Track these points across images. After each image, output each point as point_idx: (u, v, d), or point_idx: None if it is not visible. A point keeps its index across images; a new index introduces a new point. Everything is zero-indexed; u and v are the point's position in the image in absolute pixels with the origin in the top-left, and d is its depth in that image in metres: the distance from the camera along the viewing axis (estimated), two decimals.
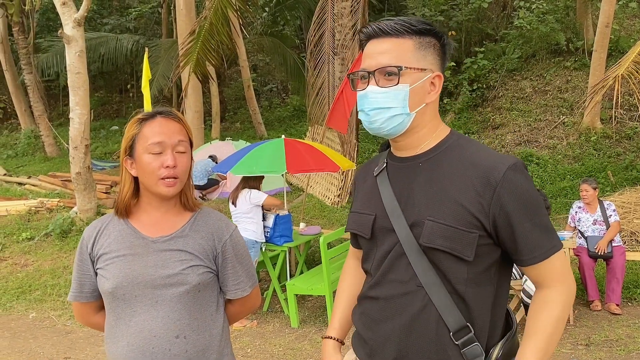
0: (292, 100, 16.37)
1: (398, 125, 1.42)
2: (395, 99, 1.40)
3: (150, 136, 1.59)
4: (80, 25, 8.19)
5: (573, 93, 11.45)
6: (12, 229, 8.37)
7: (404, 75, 1.39)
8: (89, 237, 1.69)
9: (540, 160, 10.10)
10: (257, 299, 1.82)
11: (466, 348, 1.36)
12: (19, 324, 5.74)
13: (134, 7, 19.40)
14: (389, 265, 1.44)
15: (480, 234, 1.35)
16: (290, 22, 17.26)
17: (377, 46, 1.43)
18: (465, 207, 1.35)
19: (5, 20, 14.39)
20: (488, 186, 1.34)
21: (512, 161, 1.37)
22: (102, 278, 1.63)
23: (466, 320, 1.37)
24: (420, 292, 1.38)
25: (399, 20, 1.42)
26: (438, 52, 1.45)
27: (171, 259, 1.61)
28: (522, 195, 1.35)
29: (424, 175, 1.43)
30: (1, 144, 15.75)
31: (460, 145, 1.44)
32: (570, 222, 5.88)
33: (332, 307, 5.22)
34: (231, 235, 1.70)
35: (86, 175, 8.34)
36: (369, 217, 1.50)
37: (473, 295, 1.37)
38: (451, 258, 1.36)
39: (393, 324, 1.43)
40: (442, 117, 9.86)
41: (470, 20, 13.73)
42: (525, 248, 1.36)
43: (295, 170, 5.80)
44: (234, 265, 1.70)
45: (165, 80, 14.00)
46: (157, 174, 1.58)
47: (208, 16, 8.09)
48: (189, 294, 1.60)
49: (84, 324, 1.81)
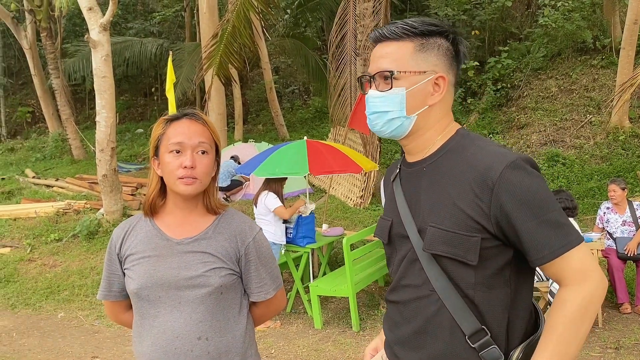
0: (314, 102, 16.39)
1: (397, 128, 1.44)
2: (392, 102, 1.41)
3: (172, 136, 1.62)
4: (105, 30, 8.32)
5: (600, 92, 11.23)
6: (40, 231, 8.54)
7: (399, 79, 1.40)
8: (118, 238, 1.72)
9: (567, 160, 9.93)
10: (282, 302, 1.82)
11: (484, 351, 1.34)
12: (48, 324, 5.86)
13: (158, 11, 19.67)
14: (404, 270, 1.46)
15: (484, 236, 1.32)
16: (312, 23, 17.28)
17: (379, 50, 1.45)
18: (465, 211, 1.33)
19: (33, 26, 14.71)
20: (485, 188, 1.31)
21: (510, 159, 1.32)
22: (128, 278, 1.66)
23: (481, 323, 1.35)
24: (433, 296, 1.38)
25: (400, 24, 1.43)
26: (444, 52, 1.43)
27: (194, 261, 1.62)
28: (522, 194, 1.29)
29: (426, 179, 1.43)
30: (30, 147, 16.09)
31: (462, 146, 1.42)
32: (599, 223, 5.77)
33: (355, 309, 5.23)
34: (254, 238, 1.70)
35: (112, 178, 8.46)
36: (387, 222, 1.53)
37: (485, 299, 1.35)
38: (455, 263, 1.35)
39: (409, 327, 1.44)
40: (466, 117, 9.68)
41: (494, 19, 13.58)
42: (532, 248, 1.30)
43: (317, 172, 5.80)
44: (257, 268, 1.70)
45: (189, 83, 14.16)
46: (175, 174, 1.59)
47: (230, 19, 8.15)
48: (212, 295, 1.61)
49: (115, 321, 1.85)
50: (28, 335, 5.52)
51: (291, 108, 16.71)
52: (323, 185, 10.57)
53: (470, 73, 12.59)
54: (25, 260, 7.71)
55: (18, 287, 6.92)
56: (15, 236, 8.52)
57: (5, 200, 10.66)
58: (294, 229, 5.71)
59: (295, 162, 5.68)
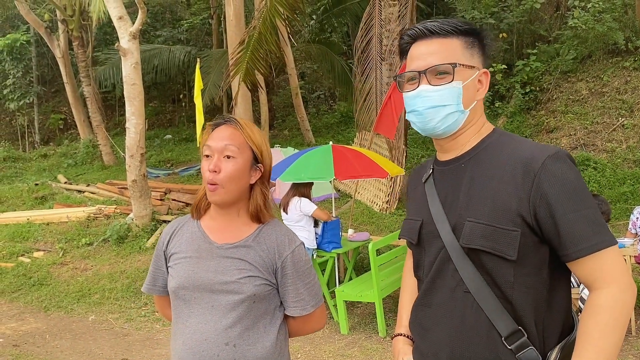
0: (339, 107, 16.41)
1: (453, 124, 1.43)
2: (450, 96, 1.40)
3: (207, 141, 1.65)
4: (135, 38, 8.47)
5: (633, 94, 10.97)
6: (72, 235, 8.73)
7: (457, 72, 1.40)
8: (166, 235, 1.75)
9: (598, 164, 9.72)
10: (320, 320, 1.77)
11: (521, 352, 1.32)
12: (80, 326, 5.98)
13: (186, 19, 19.96)
14: (437, 271, 1.44)
15: (523, 231, 1.31)
16: (338, 29, 17.32)
17: (425, 47, 1.44)
18: (505, 203, 1.32)
19: (66, 36, 15.09)
20: (527, 176, 1.30)
21: (552, 150, 1.32)
22: (170, 276, 1.70)
23: (518, 324, 1.33)
24: (468, 297, 1.36)
25: (445, 21, 1.44)
26: (482, 50, 1.47)
27: (231, 267, 1.62)
28: (564, 184, 1.28)
29: (467, 175, 1.42)
30: (62, 154, 16.45)
31: (502, 142, 1.42)
32: (631, 228, 5.62)
33: (381, 314, 5.20)
34: (293, 252, 1.67)
35: (142, 183, 8.59)
36: (417, 222, 1.51)
37: (522, 299, 1.33)
38: (494, 259, 1.33)
39: (443, 330, 1.41)
40: (494, 120, 9.57)
41: (522, 21, 13.39)
42: (569, 240, 1.27)
43: (343, 177, 5.80)
44: (295, 282, 1.67)
45: (217, 89, 14.31)
46: (205, 178, 1.62)
47: (257, 26, 8.22)
48: (244, 303, 1.61)
49: (162, 315, 1.89)
50: (60, 337, 5.65)
51: (317, 113, 16.76)
52: (349, 190, 10.56)
53: (499, 76, 12.44)
54: (58, 264, 7.89)
55: (51, 290, 7.08)
56: (48, 240, 8.73)
57: (39, 205, 10.93)
58: (319, 234, 5.73)
59: (320, 167, 5.69)
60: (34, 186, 12.08)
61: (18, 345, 5.40)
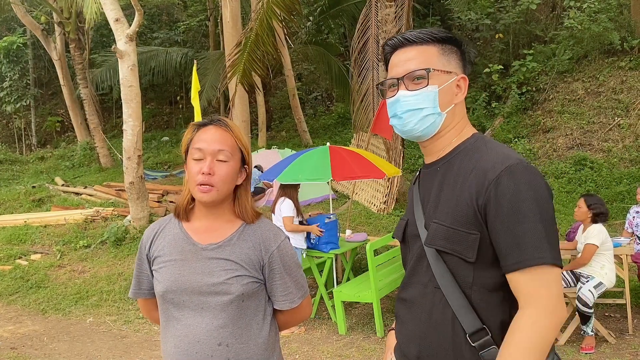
0: (336, 108, 16.42)
1: (430, 126, 1.48)
2: (426, 99, 1.46)
3: (196, 142, 1.65)
4: (132, 41, 8.48)
5: (629, 94, 11.01)
6: (70, 237, 8.72)
7: (432, 77, 1.46)
8: (147, 238, 1.75)
9: (595, 164, 9.75)
10: (307, 310, 1.81)
11: (484, 351, 1.36)
12: (77, 328, 5.97)
13: (183, 20, 19.95)
14: (413, 267, 1.51)
15: (483, 235, 1.35)
16: (334, 30, 17.34)
17: (403, 55, 1.51)
18: (465, 208, 1.37)
19: (62, 38, 15.08)
20: (482, 186, 1.36)
21: (511, 162, 1.34)
22: (155, 280, 1.70)
23: (483, 323, 1.37)
24: (438, 293, 1.42)
25: (422, 30, 1.51)
26: (460, 57, 1.52)
27: (217, 268, 1.63)
28: (511, 198, 1.31)
29: (438, 179, 1.49)
30: (59, 156, 16.43)
31: (475, 148, 1.46)
32: (628, 227, 5.65)
33: (379, 314, 5.21)
34: (279, 246, 1.69)
35: (139, 185, 8.59)
36: (403, 221, 1.60)
37: (483, 300, 1.38)
38: (455, 259, 1.39)
39: (415, 324, 1.48)
40: (491, 121, 9.61)
41: (518, 22, 13.43)
42: (503, 253, 1.32)
43: (340, 178, 5.81)
44: (282, 276, 1.69)
45: (214, 91, 14.32)
46: (195, 179, 1.62)
47: (254, 27, 8.23)
48: (233, 303, 1.62)
49: (148, 318, 1.89)
50: (58, 339, 5.64)
51: (314, 114, 16.77)
52: (346, 191, 10.57)
53: (495, 77, 12.47)
54: (56, 267, 7.88)
55: (48, 293, 7.08)
56: (45, 243, 8.72)
57: (36, 207, 10.91)
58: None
59: (318, 168, 5.70)
60: (31, 189, 12.05)
61: (16, 348, 5.40)
